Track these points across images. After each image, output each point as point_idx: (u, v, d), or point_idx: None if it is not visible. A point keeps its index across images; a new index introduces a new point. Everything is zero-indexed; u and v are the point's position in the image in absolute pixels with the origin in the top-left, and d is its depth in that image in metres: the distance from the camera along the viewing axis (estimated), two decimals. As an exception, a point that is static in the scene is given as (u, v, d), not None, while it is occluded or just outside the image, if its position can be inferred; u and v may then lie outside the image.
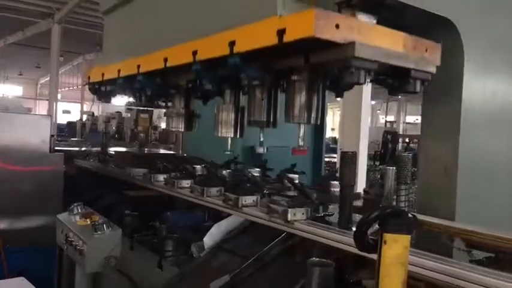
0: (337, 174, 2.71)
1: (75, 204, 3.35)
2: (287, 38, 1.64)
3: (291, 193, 2.57)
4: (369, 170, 9.82)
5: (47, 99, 18.77)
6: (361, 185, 3.35)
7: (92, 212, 3.20)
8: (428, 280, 1.47)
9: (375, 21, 1.88)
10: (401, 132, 22.16)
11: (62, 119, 19.94)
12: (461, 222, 2.08)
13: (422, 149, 2.48)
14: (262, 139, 2.21)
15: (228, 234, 2.60)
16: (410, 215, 1.28)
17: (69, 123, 15.49)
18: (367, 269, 1.80)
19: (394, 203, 2.16)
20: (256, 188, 2.56)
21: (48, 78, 19.87)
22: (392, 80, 1.91)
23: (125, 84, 2.98)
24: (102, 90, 3.50)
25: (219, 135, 2.33)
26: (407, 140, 14.80)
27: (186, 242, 2.70)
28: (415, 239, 1.81)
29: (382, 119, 32.62)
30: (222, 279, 2.14)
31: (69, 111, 29.20)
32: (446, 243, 2.01)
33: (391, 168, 2.20)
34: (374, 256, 1.25)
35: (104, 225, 2.88)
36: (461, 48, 2.19)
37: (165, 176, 3.20)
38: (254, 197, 2.39)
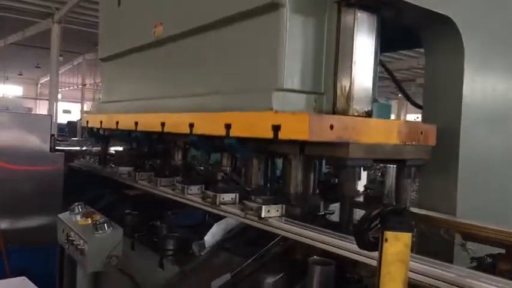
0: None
1: (76, 203, 3.35)
2: (282, 136, 1.73)
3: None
4: (369, 168, 9.81)
5: (47, 99, 18.76)
6: (361, 183, 3.36)
7: (93, 212, 3.20)
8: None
9: (369, 109, 1.96)
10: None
11: (63, 119, 19.95)
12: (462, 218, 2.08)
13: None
14: None
15: (229, 233, 2.60)
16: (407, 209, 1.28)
17: (70, 123, 15.51)
18: (367, 267, 1.80)
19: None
20: (235, 186, 2.54)
21: (48, 78, 19.87)
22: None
23: (123, 135, 3.19)
24: (100, 134, 3.60)
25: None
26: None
27: (187, 241, 2.70)
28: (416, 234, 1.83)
29: (382, 118, 32.51)
30: (223, 278, 2.14)
31: (70, 111, 29.26)
32: (447, 240, 2.01)
33: (392, 166, 2.20)
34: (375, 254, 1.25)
35: (105, 225, 2.88)
36: (461, 45, 2.19)
37: (148, 174, 3.15)
38: (232, 195, 2.35)
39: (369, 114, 1.98)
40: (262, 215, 2.02)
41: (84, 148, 5.81)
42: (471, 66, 2.23)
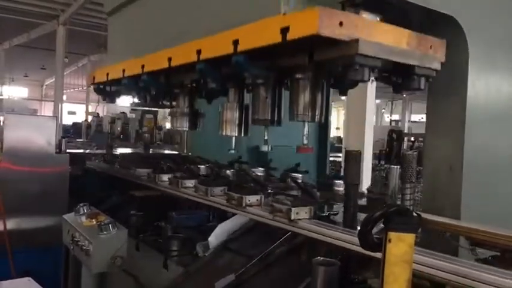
0: (342, 174, 2.73)
1: (81, 204, 3.37)
2: (291, 36, 1.64)
3: (295, 192, 2.58)
4: (374, 169, 9.80)
5: (53, 101, 18.86)
6: (366, 184, 3.35)
7: (97, 213, 3.22)
8: (433, 279, 1.47)
9: (378, 19, 1.88)
10: (406, 131, 22.08)
11: (68, 120, 20.04)
12: (467, 221, 2.08)
13: (427, 147, 2.47)
14: (266, 137, 2.22)
15: (233, 234, 2.61)
16: (414, 214, 1.28)
17: (75, 124, 15.56)
18: (372, 267, 1.80)
19: (399, 202, 2.16)
20: (259, 188, 2.56)
21: (54, 79, 19.98)
22: (396, 77, 1.91)
23: (130, 84, 2.99)
24: (107, 91, 3.52)
25: (224, 133, 2.33)
26: (412, 138, 14.76)
27: (191, 242, 2.71)
28: (420, 237, 1.81)
29: (387, 118, 32.50)
30: (227, 278, 2.14)
31: (75, 112, 29.37)
32: (451, 242, 2.00)
33: (396, 167, 2.20)
34: (379, 255, 1.25)
35: (110, 226, 2.89)
36: (465, 45, 2.18)
37: (169, 176, 3.20)
38: (258, 196, 2.39)
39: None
40: (292, 217, 2.04)
41: (88, 150, 5.86)
42: (475, 66, 2.22)
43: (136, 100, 3.52)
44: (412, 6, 1.93)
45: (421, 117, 28.43)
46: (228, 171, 3.25)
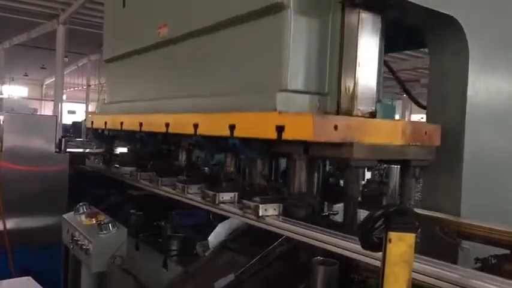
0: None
1: (80, 204, 3.37)
2: (286, 136, 1.72)
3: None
4: (373, 169, 9.77)
5: (52, 100, 18.85)
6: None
7: (97, 212, 3.22)
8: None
9: (373, 109, 1.96)
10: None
11: (67, 120, 20.04)
12: (467, 219, 2.08)
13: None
14: None
15: (233, 234, 2.60)
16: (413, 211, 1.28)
17: (75, 124, 15.56)
18: (371, 267, 1.80)
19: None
20: (235, 186, 2.56)
21: (54, 79, 19.96)
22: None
23: (128, 136, 3.21)
24: (105, 135, 3.62)
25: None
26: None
27: (191, 241, 2.71)
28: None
29: (387, 118, 32.46)
30: (227, 278, 2.14)
31: (75, 112, 29.36)
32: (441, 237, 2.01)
33: (396, 166, 2.20)
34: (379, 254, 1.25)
35: (110, 225, 2.89)
36: (465, 45, 2.18)
37: (150, 174, 3.16)
38: (231, 194, 2.39)
39: (373, 115, 1.97)
40: (260, 214, 2.06)
41: (87, 150, 5.85)
42: (476, 66, 2.22)
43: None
44: (412, 6, 1.93)
45: (421, 117, 28.42)
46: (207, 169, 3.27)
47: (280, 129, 1.71)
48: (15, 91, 32.60)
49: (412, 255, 1.19)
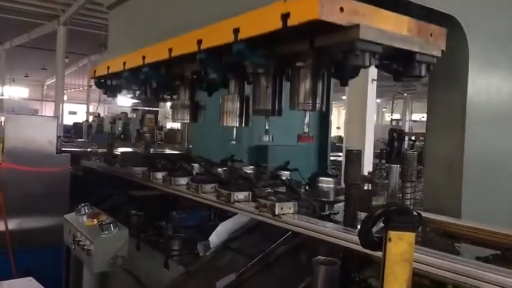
0: (329, 171, 2.74)
1: (82, 204, 3.37)
2: (291, 22, 1.63)
3: (282, 189, 2.61)
4: (374, 168, 9.79)
5: (53, 101, 18.87)
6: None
7: (99, 212, 3.22)
8: (433, 277, 1.47)
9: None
10: (407, 130, 22.09)
11: (68, 120, 20.06)
12: (467, 220, 2.08)
13: (427, 146, 2.47)
14: (267, 127, 2.23)
15: (234, 233, 2.61)
16: (414, 213, 1.28)
17: (76, 124, 15.56)
18: (373, 266, 1.81)
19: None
20: (247, 184, 2.60)
21: (54, 79, 19.98)
22: (397, 64, 1.90)
23: (131, 76, 2.99)
24: (108, 85, 3.52)
25: (225, 124, 2.34)
26: (413, 137, 14.75)
27: (192, 241, 2.71)
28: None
29: (388, 117, 32.49)
30: (228, 278, 2.15)
31: (76, 112, 29.37)
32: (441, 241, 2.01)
33: (396, 165, 2.20)
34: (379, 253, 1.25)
35: (111, 225, 2.90)
36: (465, 44, 2.18)
37: (163, 173, 3.24)
38: (246, 193, 2.45)
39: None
40: (276, 212, 2.11)
41: (89, 149, 5.87)
42: (475, 64, 2.22)
43: (136, 96, 3.52)
44: (412, 4, 1.93)
45: (422, 117, 28.40)
46: (219, 169, 3.27)
47: (285, 17, 1.64)
48: (16, 92, 32.61)
49: (412, 254, 1.19)
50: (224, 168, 3.35)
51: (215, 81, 2.50)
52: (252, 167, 3.37)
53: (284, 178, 2.92)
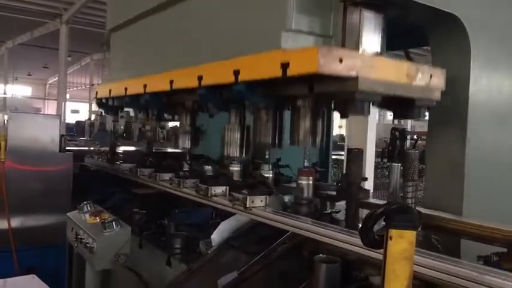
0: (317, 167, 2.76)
1: (84, 202, 3.39)
2: (291, 72, 1.67)
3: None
4: (376, 167, 9.79)
5: (56, 99, 18.93)
6: (369, 182, 3.36)
7: (101, 210, 3.24)
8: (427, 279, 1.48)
9: (379, 50, 1.92)
10: (409, 129, 22.02)
11: (71, 119, 20.10)
12: (468, 218, 2.08)
13: (429, 145, 2.48)
14: (267, 156, 2.42)
15: (236, 231, 2.62)
16: (416, 211, 1.29)
17: (78, 123, 15.60)
18: (374, 265, 1.81)
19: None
20: (226, 180, 2.69)
21: (57, 78, 20.03)
22: (397, 107, 1.96)
23: (132, 101, 3.12)
24: (109, 105, 3.61)
25: (226, 154, 2.44)
26: (415, 136, 14.73)
27: (194, 239, 2.72)
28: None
29: (390, 116, 32.41)
30: (230, 275, 2.16)
31: (78, 111, 29.43)
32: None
33: (397, 164, 2.21)
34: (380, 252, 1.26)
35: (114, 223, 2.91)
36: (468, 44, 2.18)
37: (149, 170, 3.32)
38: (223, 188, 2.57)
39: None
40: (247, 205, 2.24)
41: (92, 148, 5.88)
42: (478, 64, 2.22)
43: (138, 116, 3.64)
44: (415, 4, 1.93)
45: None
46: (207, 167, 3.30)
47: (285, 66, 1.67)
48: (19, 90, 32.71)
49: (413, 252, 1.20)
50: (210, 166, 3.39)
51: (216, 111, 2.58)
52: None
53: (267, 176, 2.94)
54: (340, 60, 1.60)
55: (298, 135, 2.01)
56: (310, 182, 2.37)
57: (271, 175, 2.95)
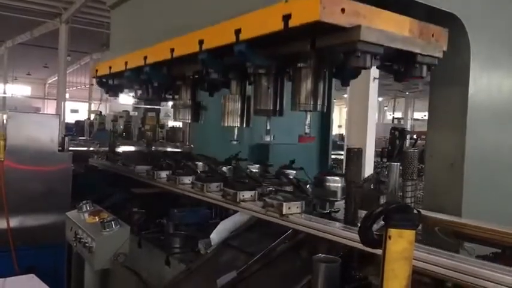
0: (333, 170, 2.72)
1: (83, 202, 3.39)
2: (293, 23, 1.63)
3: (288, 188, 2.59)
4: (376, 167, 9.77)
5: (55, 99, 18.92)
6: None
7: (100, 210, 3.24)
8: (433, 275, 1.48)
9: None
10: (409, 129, 22.04)
11: (70, 118, 20.08)
12: (468, 219, 2.08)
13: (429, 144, 2.48)
14: (268, 127, 2.23)
15: (235, 231, 2.62)
16: (415, 211, 1.28)
17: (77, 122, 15.58)
18: (373, 264, 1.81)
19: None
20: (253, 183, 2.59)
21: (56, 77, 20.02)
22: (398, 65, 1.90)
23: (132, 76, 2.99)
24: (109, 84, 3.53)
25: (226, 124, 2.34)
26: (414, 136, 14.73)
27: (193, 239, 2.72)
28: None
29: (389, 116, 32.46)
30: (229, 275, 2.15)
31: (77, 111, 29.38)
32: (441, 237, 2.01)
33: (396, 163, 2.20)
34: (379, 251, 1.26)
35: (113, 223, 2.91)
36: (467, 43, 2.18)
37: (167, 172, 3.23)
38: (252, 192, 2.43)
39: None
40: (284, 212, 2.10)
41: (91, 148, 5.88)
42: (477, 63, 2.22)
43: (138, 95, 3.53)
44: (414, 3, 1.93)
45: (424, 115, 28.35)
46: (224, 168, 3.27)
47: (286, 18, 1.64)
48: (18, 90, 32.66)
49: (412, 251, 1.20)
50: (229, 166, 3.35)
51: (216, 81, 2.50)
52: (257, 165, 3.37)
53: (291, 177, 2.90)
54: (343, 10, 1.58)
55: (300, 97, 1.96)
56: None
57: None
